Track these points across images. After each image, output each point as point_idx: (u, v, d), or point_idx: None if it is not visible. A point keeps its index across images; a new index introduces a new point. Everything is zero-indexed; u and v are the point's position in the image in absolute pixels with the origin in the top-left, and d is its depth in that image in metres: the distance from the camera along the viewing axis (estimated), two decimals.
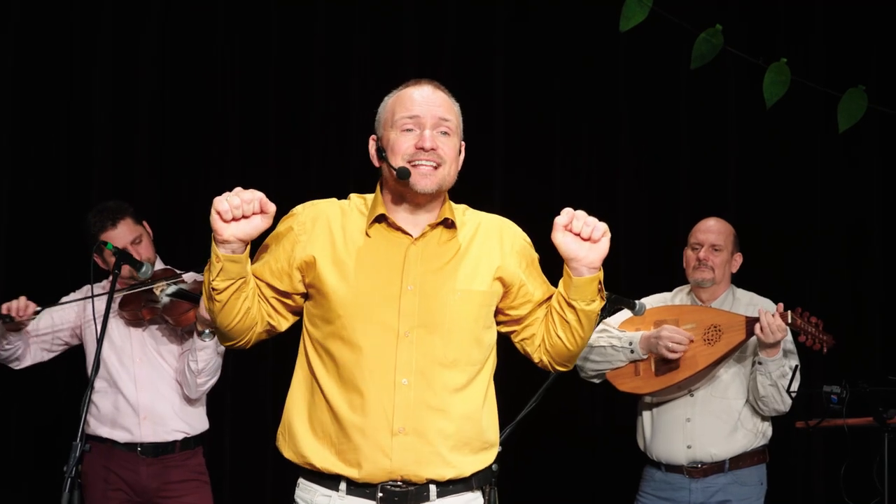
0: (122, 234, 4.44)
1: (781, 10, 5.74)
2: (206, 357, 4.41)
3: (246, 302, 2.81)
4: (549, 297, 2.94)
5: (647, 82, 5.81)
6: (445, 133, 2.84)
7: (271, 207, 2.74)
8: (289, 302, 2.89)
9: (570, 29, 5.78)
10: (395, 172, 2.81)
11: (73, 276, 4.80)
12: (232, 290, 2.78)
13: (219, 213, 2.71)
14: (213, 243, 2.75)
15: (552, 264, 2.94)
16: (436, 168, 2.82)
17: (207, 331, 4.36)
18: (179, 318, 4.40)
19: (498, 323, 2.97)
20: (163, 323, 4.50)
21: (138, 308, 4.44)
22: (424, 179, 2.81)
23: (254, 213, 2.73)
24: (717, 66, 4.44)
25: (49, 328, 4.54)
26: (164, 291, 4.39)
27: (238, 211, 2.71)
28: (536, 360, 2.98)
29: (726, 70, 5.57)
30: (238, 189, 2.72)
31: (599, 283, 2.84)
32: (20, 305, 4.34)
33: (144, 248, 4.49)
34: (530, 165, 5.77)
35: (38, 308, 4.39)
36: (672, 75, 5.76)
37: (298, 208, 2.92)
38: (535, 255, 3.00)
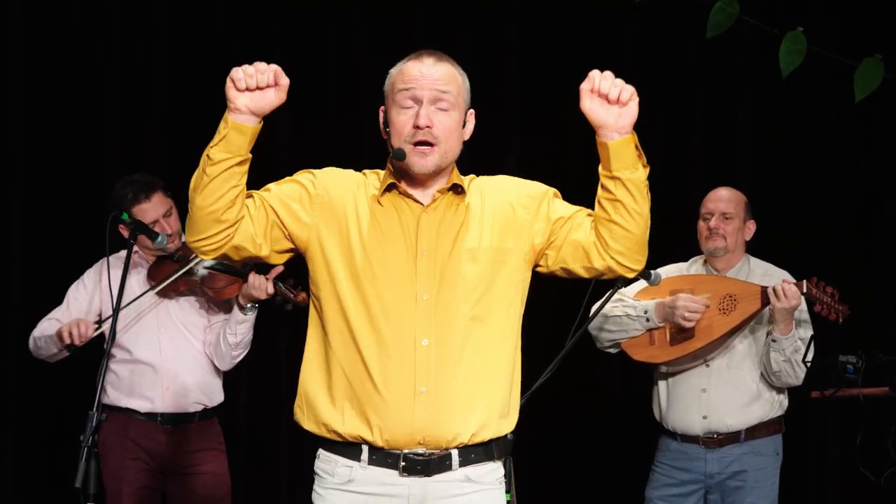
0: (155, 206, 4.47)
1: None
2: (244, 331, 4.47)
3: (233, 191, 2.74)
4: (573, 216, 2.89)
5: (659, 58, 5.79)
6: (444, 108, 2.83)
7: (285, 80, 2.71)
8: (281, 231, 2.84)
9: (582, 6, 5.76)
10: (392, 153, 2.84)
11: (80, 270, 4.77)
12: (224, 167, 2.71)
13: (232, 80, 2.69)
14: (226, 112, 2.72)
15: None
16: (431, 148, 2.82)
17: (249, 305, 4.41)
18: (222, 291, 4.44)
19: (551, 253, 2.89)
20: (200, 295, 4.52)
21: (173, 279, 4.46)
22: (421, 160, 2.82)
23: (268, 86, 2.71)
24: (732, 35, 4.42)
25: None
26: (200, 264, 4.42)
27: (252, 80, 2.69)
28: (603, 268, 2.85)
29: (738, 48, 5.55)
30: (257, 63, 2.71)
31: (637, 146, 2.78)
32: (80, 332, 4.32)
33: (174, 221, 4.52)
34: (544, 138, 5.76)
35: (97, 325, 4.39)
36: (683, 51, 5.74)
37: (318, 171, 2.91)
38: (550, 189, 2.95)
